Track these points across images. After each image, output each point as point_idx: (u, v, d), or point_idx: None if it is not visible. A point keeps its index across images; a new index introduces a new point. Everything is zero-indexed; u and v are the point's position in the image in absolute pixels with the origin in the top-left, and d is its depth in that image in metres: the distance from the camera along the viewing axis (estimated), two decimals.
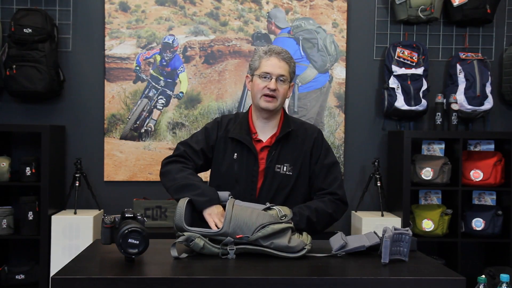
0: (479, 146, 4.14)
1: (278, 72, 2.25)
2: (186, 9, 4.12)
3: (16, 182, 3.80)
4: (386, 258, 1.83)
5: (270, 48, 2.29)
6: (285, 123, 2.34)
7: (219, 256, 1.89)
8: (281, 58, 2.26)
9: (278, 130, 2.32)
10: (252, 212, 1.94)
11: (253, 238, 1.89)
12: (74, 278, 1.64)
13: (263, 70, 2.26)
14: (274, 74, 2.25)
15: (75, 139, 4.09)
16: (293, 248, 1.91)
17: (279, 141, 2.29)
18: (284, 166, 2.27)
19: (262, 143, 2.30)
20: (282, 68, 2.26)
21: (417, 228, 3.92)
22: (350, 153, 4.20)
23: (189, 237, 1.88)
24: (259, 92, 2.27)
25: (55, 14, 4.03)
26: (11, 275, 3.78)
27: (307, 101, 4.17)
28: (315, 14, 4.17)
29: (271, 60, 2.26)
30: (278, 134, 2.30)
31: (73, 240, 3.69)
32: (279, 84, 2.26)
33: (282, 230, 1.92)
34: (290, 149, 2.30)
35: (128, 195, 4.02)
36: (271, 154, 2.28)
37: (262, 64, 2.27)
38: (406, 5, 3.98)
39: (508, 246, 3.91)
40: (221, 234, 1.90)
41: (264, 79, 2.26)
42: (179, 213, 1.95)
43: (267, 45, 2.33)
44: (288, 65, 2.28)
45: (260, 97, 2.27)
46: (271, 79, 2.25)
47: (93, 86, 4.10)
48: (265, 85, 2.25)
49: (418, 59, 4.02)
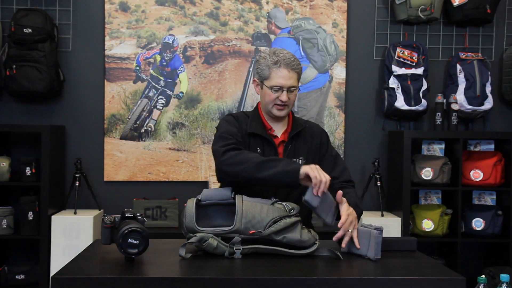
0: (479, 146, 4.14)
1: (289, 84, 2.26)
2: (186, 9, 4.12)
3: (16, 182, 3.80)
4: (378, 253, 1.89)
5: (279, 57, 2.25)
6: (294, 120, 2.40)
7: (225, 255, 1.88)
8: (291, 68, 2.25)
9: (289, 127, 2.37)
10: (262, 207, 1.95)
11: (266, 233, 1.91)
12: (74, 278, 1.64)
13: (274, 83, 2.25)
14: (285, 86, 2.25)
15: (75, 139, 4.09)
16: (305, 242, 1.94)
17: (293, 137, 2.35)
18: (299, 159, 2.31)
19: (278, 138, 2.35)
20: (293, 79, 2.26)
21: (417, 228, 3.93)
22: (350, 153, 4.20)
23: (202, 237, 1.87)
24: (270, 102, 2.29)
25: (55, 14, 4.03)
26: (11, 275, 3.78)
27: (307, 101, 4.17)
28: (315, 14, 4.17)
29: (281, 71, 2.24)
30: (291, 130, 2.36)
31: (73, 240, 3.69)
32: (289, 94, 2.27)
33: (293, 224, 1.95)
34: (302, 144, 2.36)
35: (128, 195, 4.02)
36: (287, 148, 2.33)
37: (272, 75, 2.26)
38: (406, 5, 3.98)
39: (508, 246, 3.91)
40: (234, 232, 1.90)
41: (275, 92, 2.27)
42: (190, 215, 1.93)
43: (273, 50, 2.29)
44: (297, 74, 2.28)
45: (272, 106, 2.30)
46: (283, 91, 2.26)
47: (93, 86, 4.10)
48: (276, 96, 2.27)
49: (418, 59, 4.02)
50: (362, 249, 1.94)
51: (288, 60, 2.24)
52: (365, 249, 1.92)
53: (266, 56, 2.27)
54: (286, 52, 2.28)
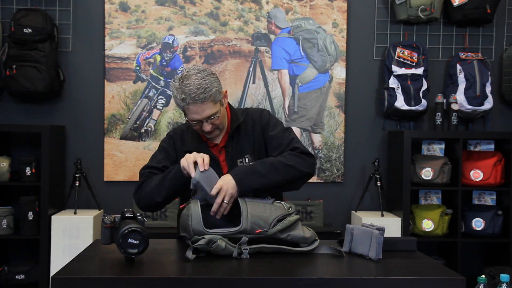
0: (479, 146, 4.14)
1: (205, 116, 2.11)
2: (186, 9, 4.12)
3: (16, 182, 3.80)
4: (379, 254, 1.88)
5: (185, 94, 2.06)
6: (233, 118, 2.27)
7: (234, 256, 1.88)
8: (200, 102, 2.07)
9: (228, 127, 2.27)
10: (265, 206, 1.97)
11: (272, 231, 1.92)
12: (74, 278, 1.64)
13: (190, 118, 2.13)
14: (202, 118, 2.12)
15: (75, 139, 4.09)
16: (307, 239, 1.97)
17: (232, 136, 2.25)
18: (245, 158, 2.24)
19: (218, 146, 2.27)
20: (208, 109, 2.09)
21: (417, 228, 3.93)
22: (350, 153, 4.20)
23: (210, 239, 1.86)
24: (197, 130, 2.20)
25: (55, 14, 4.03)
26: (11, 275, 3.78)
27: (307, 101, 4.17)
28: (315, 14, 4.17)
29: (192, 108, 2.09)
30: (229, 131, 2.25)
31: (73, 240, 3.69)
32: (212, 120, 2.13)
33: (296, 222, 1.97)
34: (244, 140, 2.26)
35: (128, 195, 3.98)
36: (228, 151, 2.24)
37: (186, 111, 2.13)
38: (406, 5, 3.98)
39: (508, 246, 3.91)
40: (241, 232, 1.90)
41: (196, 124, 2.15)
42: (196, 217, 1.90)
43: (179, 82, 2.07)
44: (211, 101, 2.09)
45: (201, 133, 2.22)
46: (203, 122, 2.13)
47: (93, 86, 4.10)
48: (199, 127, 2.16)
49: (418, 59, 4.02)
50: (363, 249, 1.94)
51: (194, 94, 2.05)
52: (366, 249, 1.92)
53: (174, 90, 2.10)
54: (192, 82, 2.06)
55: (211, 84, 2.10)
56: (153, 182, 2.17)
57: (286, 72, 4.16)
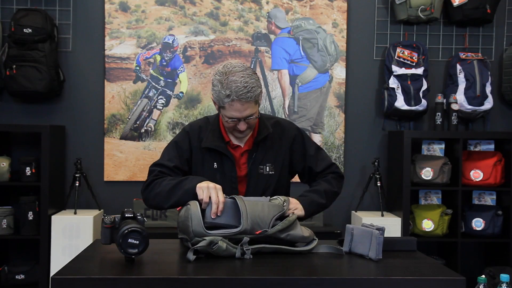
0: (479, 146, 4.14)
1: (246, 115, 2.12)
2: (186, 9, 4.12)
3: (16, 182, 3.80)
4: (379, 254, 1.88)
5: (231, 90, 2.06)
6: (261, 124, 2.27)
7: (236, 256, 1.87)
8: (245, 101, 2.07)
9: (255, 132, 2.26)
10: (263, 205, 1.97)
11: (272, 231, 1.92)
12: (74, 278, 1.64)
13: (229, 115, 2.13)
14: (242, 117, 2.12)
15: (75, 139, 4.09)
16: (306, 238, 1.99)
17: (259, 142, 2.25)
18: (267, 166, 2.25)
19: (241, 148, 2.26)
20: (249, 109, 2.11)
21: (417, 228, 3.93)
22: (350, 153, 4.20)
23: (211, 241, 1.86)
24: (229, 128, 2.20)
25: (55, 14, 4.03)
26: (11, 275, 3.78)
27: (307, 101, 4.17)
28: (315, 14, 4.17)
29: (235, 105, 2.08)
30: (257, 136, 2.25)
31: (73, 240, 3.69)
32: (248, 120, 2.14)
33: (294, 221, 1.99)
34: (269, 149, 2.27)
35: (128, 195, 4.01)
36: (252, 156, 2.24)
37: (226, 107, 2.11)
38: (406, 5, 3.98)
39: (508, 246, 3.91)
40: (242, 233, 1.90)
41: (233, 121, 2.15)
42: (197, 219, 1.89)
43: (225, 77, 2.07)
44: (253, 101, 2.11)
45: (232, 132, 2.21)
46: (240, 120, 2.13)
47: (93, 86, 4.10)
48: (234, 124, 2.15)
49: (418, 59, 4.02)
50: (363, 249, 1.94)
51: (241, 92, 2.06)
52: (366, 249, 1.92)
53: (218, 85, 2.10)
54: (239, 79, 2.07)
55: (256, 83, 2.12)
56: (163, 187, 2.13)
57: (286, 72, 4.16)
